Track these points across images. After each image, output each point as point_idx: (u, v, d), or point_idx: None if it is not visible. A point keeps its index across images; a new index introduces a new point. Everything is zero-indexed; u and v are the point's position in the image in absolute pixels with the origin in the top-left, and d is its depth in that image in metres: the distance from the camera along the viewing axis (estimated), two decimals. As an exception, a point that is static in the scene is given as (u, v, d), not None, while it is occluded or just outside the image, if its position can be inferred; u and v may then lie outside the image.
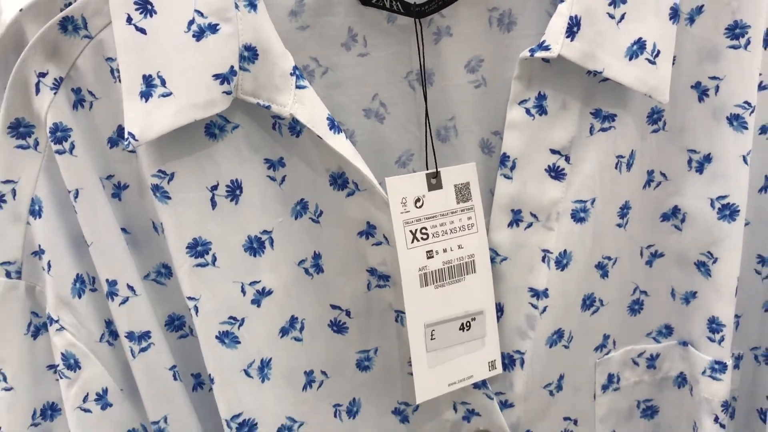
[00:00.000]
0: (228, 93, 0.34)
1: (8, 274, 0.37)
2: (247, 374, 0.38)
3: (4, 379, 0.38)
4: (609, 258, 0.41)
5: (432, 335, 0.39)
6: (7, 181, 0.36)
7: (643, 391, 0.45)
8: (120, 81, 0.34)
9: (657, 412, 0.46)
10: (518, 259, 0.40)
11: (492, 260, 0.40)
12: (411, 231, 0.38)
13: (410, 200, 0.38)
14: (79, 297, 0.37)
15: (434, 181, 0.39)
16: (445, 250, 0.39)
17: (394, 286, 0.40)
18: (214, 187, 0.36)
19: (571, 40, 0.36)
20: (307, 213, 0.38)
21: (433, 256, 0.39)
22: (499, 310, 0.41)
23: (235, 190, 0.36)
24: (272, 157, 0.37)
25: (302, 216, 0.38)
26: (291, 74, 0.35)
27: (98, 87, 0.36)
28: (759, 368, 0.44)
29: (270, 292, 0.38)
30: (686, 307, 0.43)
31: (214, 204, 0.36)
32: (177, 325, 0.40)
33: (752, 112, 0.39)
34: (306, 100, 0.35)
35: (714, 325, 0.42)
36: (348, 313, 0.40)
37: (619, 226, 0.41)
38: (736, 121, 0.40)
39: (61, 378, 0.38)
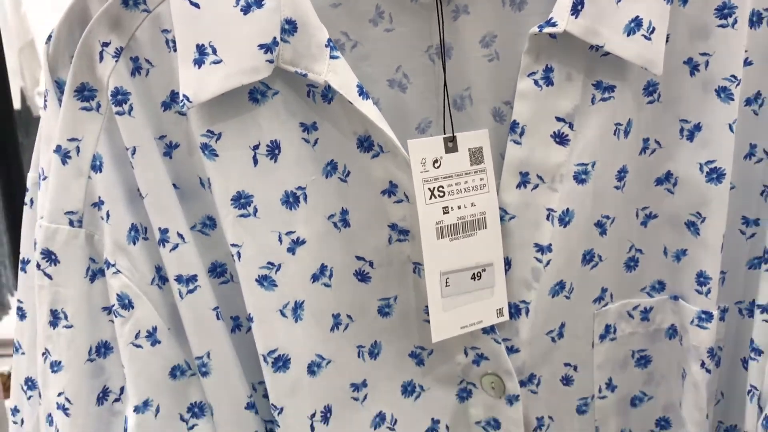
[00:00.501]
0: (270, 62, 0.38)
1: (71, 223, 0.42)
2: (283, 314, 0.42)
3: (66, 317, 0.42)
4: (607, 217, 0.46)
5: (447, 282, 0.44)
6: (72, 139, 0.41)
7: (637, 342, 0.50)
8: (174, 51, 0.39)
9: (650, 361, 0.50)
10: (525, 217, 0.45)
11: (501, 218, 0.45)
12: (429, 189, 0.43)
13: (429, 161, 0.42)
14: (134, 244, 0.42)
15: (451, 145, 0.43)
16: (459, 207, 0.44)
17: (413, 240, 0.44)
18: (256, 147, 0.41)
19: (576, 17, 0.40)
20: (336, 173, 0.43)
21: (448, 212, 0.43)
22: (507, 263, 0.45)
23: (274, 150, 0.41)
24: (306, 121, 0.42)
25: (332, 175, 0.43)
26: (326, 46, 0.39)
27: (154, 56, 0.40)
28: (743, 321, 0.49)
29: (303, 242, 0.42)
30: (677, 264, 0.48)
31: (255, 161, 0.41)
32: (219, 272, 0.44)
33: (738, 84, 0.43)
34: (339, 69, 0.39)
35: (701, 279, 0.46)
36: (371, 264, 0.44)
37: (617, 188, 0.45)
38: (723, 93, 0.44)
39: (116, 317, 0.42)
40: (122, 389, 0.44)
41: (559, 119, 0.43)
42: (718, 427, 0.51)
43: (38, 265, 0.42)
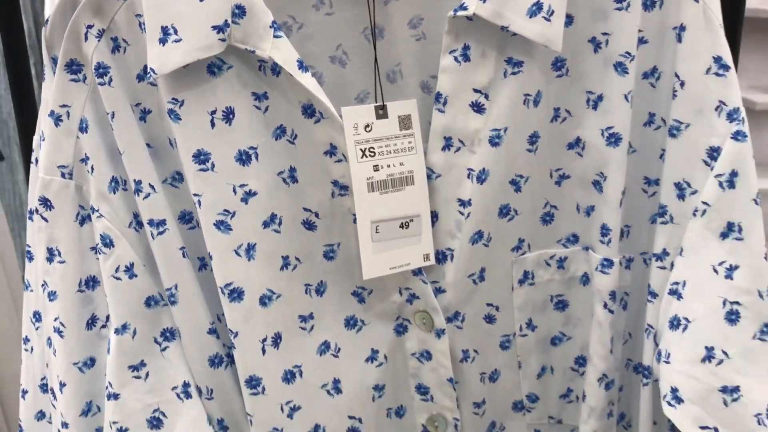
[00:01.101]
0: (223, 40, 0.46)
1: (63, 175, 0.50)
2: (237, 254, 0.50)
3: (59, 254, 0.51)
4: (521, 176, 0.53)
5: (377, 230, 0.51)
6: (63, 106, 0.49)
7: (554, 288, 0.57)
8: (145, 31, 0.47)
9: (567, 305, 0.57)
10: (449, 176, 0.52)
11: (429, 177, 0.52)
12: (361, 149, 0.50)
13: (361, 126, 0.50)
14: (114, 193, 0.50)
15: (381, 112, 0.51)
16: (388, 166, 0.51)
17: (351, 195, 0.52)
18: (213, 112, 0.48)
19: (484, 2, 0.47)
20: (285, 136, 0.51)
21: (378, 170, 0.51)
22: (435, 216, 0.53)
23: (228, 115, 0.49)
24: (258, 91, 0.49)
25: (281, 138, 0.50)
26: (270, 27, 0.47)
27: (130, 36, 0.48)
28: (646, 269, 0.55)
29: (255, 194, 0.50)
30: (587, 218, 0.55)
31: (213, 124, 0.49)
32: (187, 219, 0.53)
33: (632, 60, 0.50)
34: (281, 46, 0.47)
35: (604, 231, 0.53)
36: (317, 215, 0.52)
37: (529, 151, 0.52)
38: (620, 67, 0.50)
39: (100, 254, 0.51)
40: (108, 318, 0.53)
41: (476, 91, 0.50)
42: (627, 364, 0.58)
43: (36, 210, 0.51)
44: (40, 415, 0.61)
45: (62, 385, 0.53)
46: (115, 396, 0.52)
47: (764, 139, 2.51)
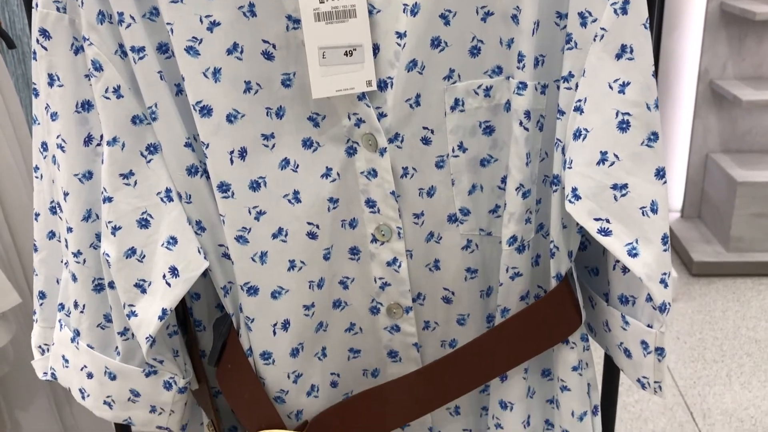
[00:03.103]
0: None
1: (58, 9, 0.59)
2: (205, 76, 0.60)
3: (58, 78, 0.61)
4: (449, 11, 0.61)
5: (323, 55, 0.60)
6: None
7: (482, 114, 0.65)
8: None
9: (494, 130, 0.66)
10: (388, 11, 0.60)
11: (370, 12, 0.61)
12: (308, -16, 0.59)
13: (308, -37, 0.58)
14: (101, 24, 0.59)
15: (326, -47, 0.59)
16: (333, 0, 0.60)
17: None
18: None
19: None
20: None
21: (324, 2, 0.59)
22: (376, 48, 0.62)
23: None
24: None
25: None
26: None
27: None
28: (558, 92, 0.64)
29: (219, 24, 0.59)
30: (509, 50, 0.63)
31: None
32: (164, 49, 0.62)
33: None
34: None
35: (520, 57, 0.62)
36: (274, 46, 0.61)
37: (456, -12, 0.61)
38: None
39: (92, 77, 0.60)
40: (102, 137, 0.63)
41: None
42: (544, 180, 0.67)
43: (37, 41, 0.60)
44: (51, 235, 0.72)
45: (66, 194, 0.64)
46: (109, 199, 0.62)
47: (764, 49, 2.54)
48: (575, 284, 0.69)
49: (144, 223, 0.63)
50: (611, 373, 0.79)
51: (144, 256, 0.63)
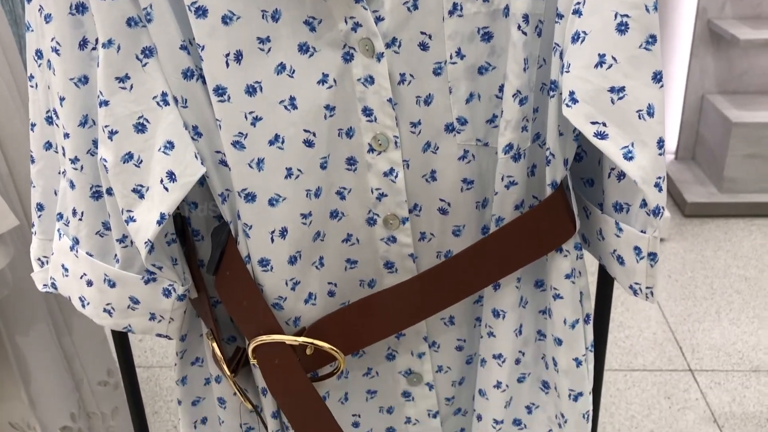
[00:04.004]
0: None
1: None
2: None
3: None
4: None
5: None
6: None
7: (481, 20, 0.65)
8: None
9: (492, 36, 0.66)
10: None
11: None
12: None
13: None
14: None
15: None
16: None
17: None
18: None
19: None
20: None
21: None
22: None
23: None
24: None
25: None
26: None
27: None
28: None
29: None
30: None
31: None
32: None
33: None
34: None
35: None
36: None
37: None
38: None
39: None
40: (97, 40, 0.62)
41: None
42: (542, 87, 0.67)
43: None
44: (48, 145, 0.72)
45: (62, 99, 0.64)
46: (106, 103, 0.62)
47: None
48: (570, 193, 0.70)
49: (140, 127, 0.63)
50: (605, 286, 0.81)
51: (141, 161, 0.63)
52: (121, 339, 0.90)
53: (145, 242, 0.64)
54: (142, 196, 0.64)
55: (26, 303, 1.15)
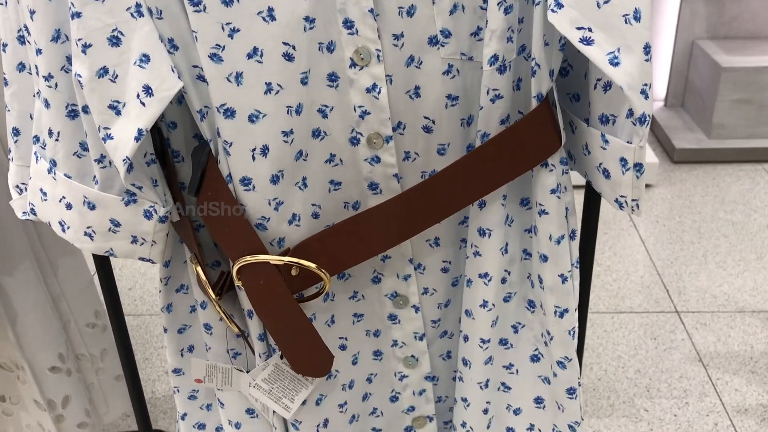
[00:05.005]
0: None
1: None
2: None
3: None
4: None
5: None
6: None
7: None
8: None
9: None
10: None
11: None
12: None
13: None
14: None
15: None
16: None
17: None
18: None
19: None
20: None
21: None
22: None
23: None
24: None
25: None
26: None
27: None
28: None
29: None
30: None
31: None
32: None
33: None
34: None
35: None
36: None
37: None
38: None
39: None
40: (66, -51, 0.60)
41: None
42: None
43: None
44: (21, 67, 0.70)
45: (32, 12, 0.62)
46: (78, 15, 0.60)
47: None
48: (556, 106, 0.69)
49: (115, 41, 0.61)
50: (591, 207, 0.80)
51: (116, 75, 0.62)
52: (107, 279, 0.90)
53: (124, 159, 0.63)
54: (118, 113, 0.63)
55: (8, 242, 1.14)
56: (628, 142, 0.65)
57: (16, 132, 0.73)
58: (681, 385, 1.70)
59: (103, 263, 0.90)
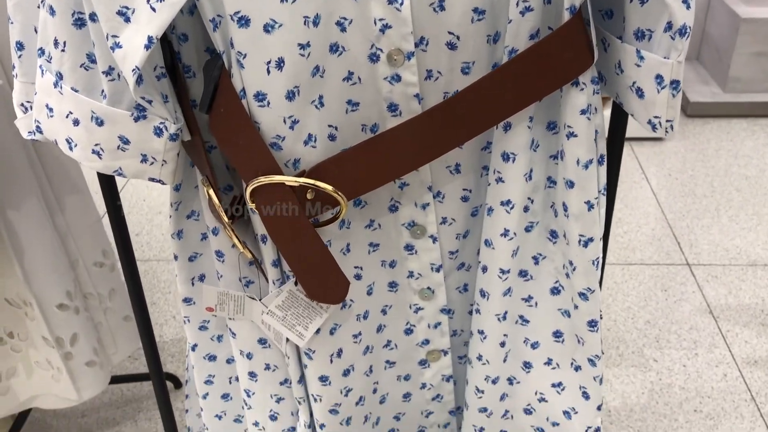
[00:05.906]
0: None
1: None
2: None
3: None
4: None
5: None
6: None
7: None
8: None
9: None
10: None
11: None
12: None
13: None
14: None
15: None
16: None
17: None
18: None
19: None
20: None
21: None
22: None
23: None
24: None
25: None
26: None
27: None
28: None
29: None
30: None
31: None
32: None
33: None
34: None
35: None
36: None
37: None
38: None
39: None
40: None
41: None
42: None
43: None
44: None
45: None
46: None
47: None
48: (590, 20, 0.65)
49: None
50: (617, 131, 0.77)
51: None
52: (118, 221, 0.88)
53: (133, 70, 0.60)
54: (128, 19, 0.59)
55: (13, 175, 1.11)
56: (665, 58, 0.61)
57: (20, 46, 0.70)
58: (691, 337, 1.69)
59: (113, 205, 0.88)
